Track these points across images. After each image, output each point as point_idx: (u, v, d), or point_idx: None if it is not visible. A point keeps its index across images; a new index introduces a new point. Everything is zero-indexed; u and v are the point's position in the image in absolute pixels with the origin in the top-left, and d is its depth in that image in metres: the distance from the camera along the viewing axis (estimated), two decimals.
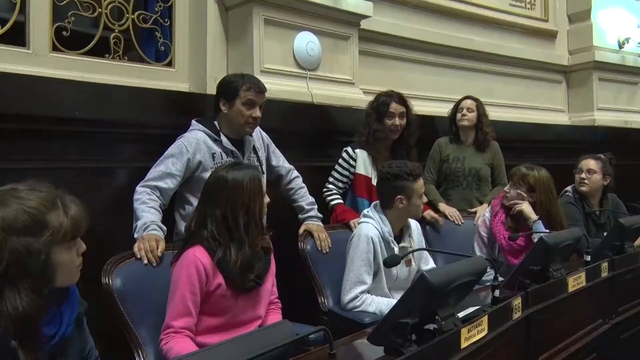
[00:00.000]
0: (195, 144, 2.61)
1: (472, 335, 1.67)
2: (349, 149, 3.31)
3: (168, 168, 2.54)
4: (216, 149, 2.66)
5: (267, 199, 2.23)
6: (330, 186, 3.31)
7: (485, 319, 1.75)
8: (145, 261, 2.22)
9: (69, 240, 1.40)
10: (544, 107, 5.50)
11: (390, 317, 1.57)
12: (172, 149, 2.60)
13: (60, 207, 1.39)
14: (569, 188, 3.71)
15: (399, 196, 2.70)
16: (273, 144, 2.99)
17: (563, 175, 3.85)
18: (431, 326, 1.64)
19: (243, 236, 2.10)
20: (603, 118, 5.58)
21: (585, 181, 3.59)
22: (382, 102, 3.30)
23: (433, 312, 1.63)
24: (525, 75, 5.35)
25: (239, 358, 0.90)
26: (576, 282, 2.38)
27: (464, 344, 1.64)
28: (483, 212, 3.36)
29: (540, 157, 4.62)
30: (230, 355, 0.91)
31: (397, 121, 3.26)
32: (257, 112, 2.67)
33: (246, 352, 0.94)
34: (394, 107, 3.27)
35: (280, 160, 3.01)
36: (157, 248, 2.26)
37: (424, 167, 3.72)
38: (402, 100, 3.31)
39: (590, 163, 3.61)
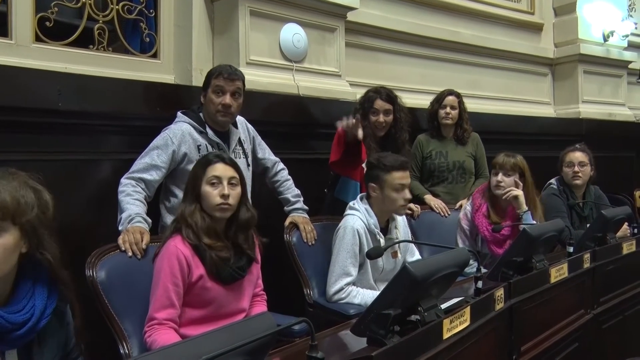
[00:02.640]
0: (181, 135, 2.60)
1: (454, 326, 1.69)
2: None
3: (153, 160, 2.53)
4: (201, 140, 2.65)
5: None
6: None
7: (467, 310, 1.77)
8: (130, 253, 2.21)
9: None
10: (529, 99, 5.54)
11: (373, 308, 1.58)
12: (157, 140, 2.59)
13: None
14: (553, 180, 3.74)
15: (371, 184, 2.74)
16: (259, 136, 2.99)
17: (547, 167, 3.89)
18: (414, 317, 1.65)
19: (224, 226, 2.11)
20: (588, 110, 5.63)
21: (579, 174, 3.61)
22: (368, 98, 3.32)
23: (416, 303, 1.64)
24: (511, 68, 5.38)
25: (219, 349, 0.90)
26: (558, 273, 2.40)
27: (446, 335, 1.65)
28: (464, 205, 3.38)
29: (524, 149, 4.63)
30: (212, 346, 0.92)
31: (382, 118, 3.27)
32: (227, 99, 2.64)
33: (227, 343, 0.94)
34: (379, 104, 3.28)
35: (266, 153, 3.01)
36: (142, 240, 2.25)
37: None
38: (389, 97, 3.31)
39: (581, 155, 3.64)
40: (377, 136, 3.31)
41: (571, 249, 2.63)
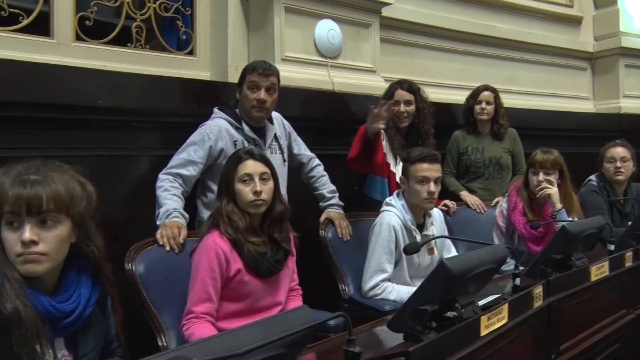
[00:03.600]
0: (217, 131, 2.63)
1: (491, 323, 1.67)
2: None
3: (190, 155, 2.56)
4: (238, 136, 2.67)
5: None
6: None
7: (505, 307, 1.75)
8: (168, 248, 2.25)
9: (9, 214, 1.41)
10: (568, 94, 5.41)
11: (410, 304, 1.57)
12: (194, 136, 2.62)
13: (19, 184, 1.41)
14: (592, 177, 3.66)
15: (401, 177, 2.78)
16: (294, 132, 3.00)
17: (586, 164, 3.81)
18: (451, 314, 1.64)
19: (261, 221, 2.14)
20: (629, 105, 5.46)
21: (621, 169, 3.53)
22: (389, 90, 3.33)
23: (453, 299, 1.63)
24: (549, 63, 5.26)
25: (256, 342, 0.91)
26: (599, 271, 2.35)
27: (483, 332, 1.63)
28: (500, 202, 3.33)
29: (562, 145, 4.54)
30: (250, 339, 0.92)
31: (402, 108, 3.25)
32: (261, 95, 2.65)
33: (265, 336, 0.95)
34: (400, 94, 3.27)
35: (301, 148, 3.02)
36: (179, 235, 2.29)
37: (443, 159, 3.71)
38: (410, 88, 3.29)
39: (623, 151, 3.56)
40: (401, 127, 3.30)
41: (612, 247, 2.58)
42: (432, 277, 1.58)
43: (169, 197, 2.42)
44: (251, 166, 2.17)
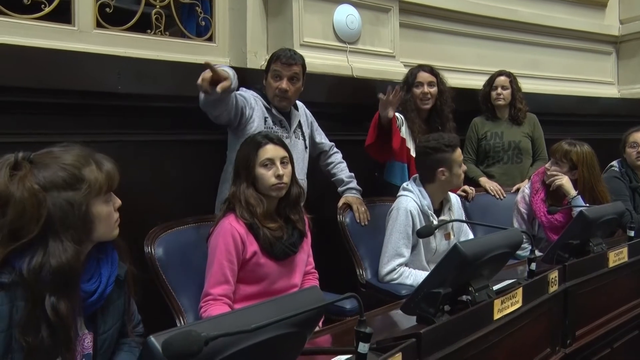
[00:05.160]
0: (254, 99, 2.69)
1: (505, 307, 1.67)
2: (397, 114, 3.29)
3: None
4: (267, 114, 2.72)
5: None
6: None
7: (519, 291, 1.75)
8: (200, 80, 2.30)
9: (105, 193, 1.49)
10: (591, 79, 5.31)
11: (423, 287, 1.58)
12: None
13: (93, 163, 1.48)
14: (614, 162, 3.62)
15: (441, 169, 2.69)
16: (316, 122, 3.03)
17: (610, 150, 3.76)
18: (465, 297, 1.65)
19: (277, 204, 2.16)
20: None
21: None
22: (411, 73, 3.35)
23: (467, 283, 1.63)
24: (572, 47, 5.16)
25: (266, 320, 0.93)
26: (617, 257, 2.33)
27: (497, 316, 1.64)
28: (522, 188, 3.31)
29: (586, 131, 4.50)
30: (260, 317, 0.94)
31: (426, 89, 3.27)
32: (283, 84, 2.69)
33: (275, 315, 0.96)
34: (422, 76, 3.29)
35: (322, 137, 3.06)
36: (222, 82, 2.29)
37: (462, 145, 3.69)
38: (432, 70, 3.32)
39: None
40: (423, 109, 3.30)
41: (632, 233, 2.55)
42: (445, 260, 1.59)
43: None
44: (272, 151, 2.20)
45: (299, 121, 2.85)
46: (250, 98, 2.67)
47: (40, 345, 1.33)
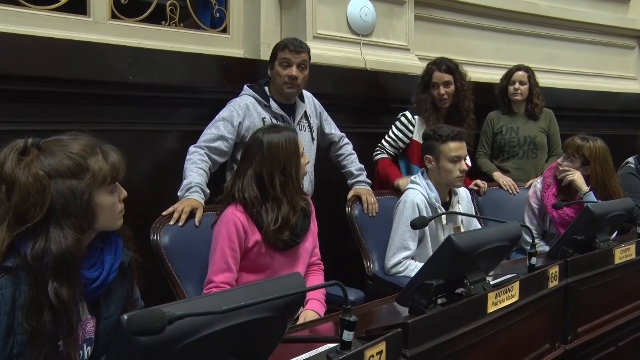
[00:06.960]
0: (245, 108, 2.69)
1: (500, 301, 1.67)
2: (408, 114, 3.29)
3: (220, 130, 2.62)
4: (265, 114, 2.72)
5: (305, 160, 2.29)
6: (380, 147, 3.33)
7: (516, 285, 1.74)
8: (172, 222, 2.28)
9: (109, 184, 1.50)
10: (613, 74, 5.21)
11: (417, 278, 1.59)
12: (223, 112, 2.68)
13: (100, 153, 1.49)
14: (630, 159, 3.57)
15: (426, 155, 2.73)
16: (325, 112, 3.03)
17: (630, 146, 3.70)
18: (460, 290, 1.65)
19: (280, 195, 2.16)
20: None
21: None
22: (427, 71, 3.30)
23: (462, 276, 1.64)
24: (593, 41, 5.07)
25: (244, 302, 0.95)
26: (624, 254, 2.31)
27: (490, 309, 1.64)
28: (534, 183, 3.29)
29: (606, 127, 4.45)
30: (236, 300, 0.96)
31: (442, 90, 3.23)
32: (293, 71, 2.70)
33: (253, 299, 0.98)
34: (437, 76, 3.23)
35: (332, 128, 3.06)
36: (195, 216, 2.33)
37: (477, 139, 3.68)
38: (448, 68, 3.25)
39: None
40: (441, 109, 3.28)
41: None
42: (439, 251, 1.60)
43: (195, 170, 2.48)
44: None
45: (305, 112, 2.86)
46: (234, 117, 2.66)
47: (43, 328, 1.36)
